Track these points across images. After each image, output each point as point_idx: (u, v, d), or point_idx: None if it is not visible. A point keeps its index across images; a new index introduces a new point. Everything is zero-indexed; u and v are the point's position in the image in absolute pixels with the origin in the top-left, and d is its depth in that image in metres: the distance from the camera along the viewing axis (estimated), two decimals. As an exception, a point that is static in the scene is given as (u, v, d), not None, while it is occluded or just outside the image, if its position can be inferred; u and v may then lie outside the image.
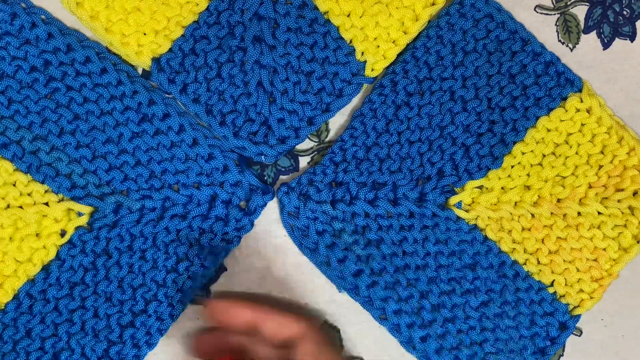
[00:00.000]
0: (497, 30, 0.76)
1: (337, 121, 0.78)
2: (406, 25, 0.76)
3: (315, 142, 0.78)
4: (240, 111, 0.75)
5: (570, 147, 0.76)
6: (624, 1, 0.79)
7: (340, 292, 0.77)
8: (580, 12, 0.79)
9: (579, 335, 0.79)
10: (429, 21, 0.77)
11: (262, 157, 0.76)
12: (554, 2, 0.78)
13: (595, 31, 0.79)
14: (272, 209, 0.77)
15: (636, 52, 0.79)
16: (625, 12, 0.79)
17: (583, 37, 0.79)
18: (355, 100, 0.78)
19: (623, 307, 0.79)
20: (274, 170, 0.77)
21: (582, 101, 0.76)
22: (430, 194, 0.75)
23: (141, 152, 0.74)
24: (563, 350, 0.78)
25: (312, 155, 0.78)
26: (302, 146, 0.78)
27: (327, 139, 0.78)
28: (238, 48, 0.75)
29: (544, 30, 0.78)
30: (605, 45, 0.79)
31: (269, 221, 0.77)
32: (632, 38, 0.79)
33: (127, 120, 0.74)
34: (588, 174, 0.76)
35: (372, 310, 0.76)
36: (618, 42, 0.79)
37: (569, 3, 0.78)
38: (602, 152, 0.76)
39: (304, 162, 0.78)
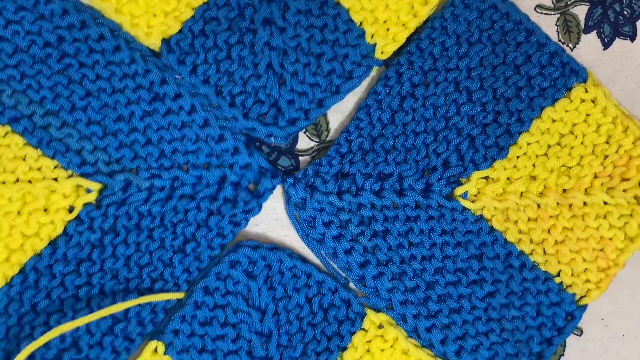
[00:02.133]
0: (501, 21, 0.77)
1: (337, 121, 0.78)
2: (416, 8, 0.76)
3: (315, 142, 0.78)
4: (249, 92, 0.75)
5: (576, 137, 0.76)
6: (624, 1, 0.80)
7: (344, 283, 0.76)
8: (580, 12, 0.79)
9: (580, 335, 0.78)
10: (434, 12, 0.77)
11: (272, 138, 0.76)
12: (554, 2, 0.79)
13: (595, 31, 0.79)
14: (272, 208, 0.77)
15: (636, 52, 0.80)
16: (625, 12, 0.80)
17: (583, 37, 0.79)
18: (360, 93, 0.78)
19: (623, 307, 0.79)
20: (275, 171, 0.78)
21: (587, 91, 0.76)
22: (436, 184, 0.75)
23: (152, 131, 0.74)
24: (564, 350, 0.78)
25: (312, 155, 0.78)
26: (302, 146, 0.78)
27: (327, 139, 0.78)
28: (248, 30, 0.75)
29: (545, 30, 0.78)
30: (606, 45, 0.80)
31: (269, 220, 0.77)
32: (632, 38, 0.80)
33: (138, 99, 0.74)
34: (593, 164, 0.76)
35: (378, 301, 0.75)
36: (618, 42, 0.80)
37: (569, 3, 0.79)
38: (607, 142, 0.76)
39: (304, 162, 0.78)
